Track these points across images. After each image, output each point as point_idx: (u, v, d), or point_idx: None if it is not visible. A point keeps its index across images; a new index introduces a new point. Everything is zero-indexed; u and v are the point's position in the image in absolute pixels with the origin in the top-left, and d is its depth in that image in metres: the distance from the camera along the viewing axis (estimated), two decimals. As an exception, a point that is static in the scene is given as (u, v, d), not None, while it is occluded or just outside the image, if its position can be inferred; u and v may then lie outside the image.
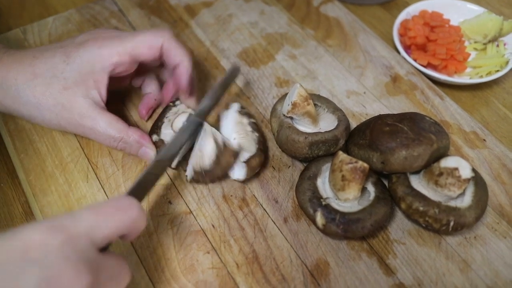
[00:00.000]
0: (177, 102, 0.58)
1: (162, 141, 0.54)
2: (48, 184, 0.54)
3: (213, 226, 0.51)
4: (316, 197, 0.49)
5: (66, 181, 0.54)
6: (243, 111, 0.57)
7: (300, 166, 0.55)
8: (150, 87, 0.60)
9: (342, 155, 0.48)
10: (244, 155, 0.52)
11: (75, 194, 0.53)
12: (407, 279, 0.47)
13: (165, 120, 0.56)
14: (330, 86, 0.64)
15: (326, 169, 0.52)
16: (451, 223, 0.47)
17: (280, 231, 0.51)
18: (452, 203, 0.48)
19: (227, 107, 0.58)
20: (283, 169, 0.55)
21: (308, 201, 0.49)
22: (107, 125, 0.51)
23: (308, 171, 0.52)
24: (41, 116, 0.51)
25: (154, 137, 0.54)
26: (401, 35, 0.71)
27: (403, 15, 0.72)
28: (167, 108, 0.57)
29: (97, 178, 0.54)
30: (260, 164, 0.52)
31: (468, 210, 0.47)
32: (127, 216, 0.37)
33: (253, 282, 0.47)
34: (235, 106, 0.57)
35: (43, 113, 0.51)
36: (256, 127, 0.56)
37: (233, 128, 0.55)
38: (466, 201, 0.49)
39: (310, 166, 0.52)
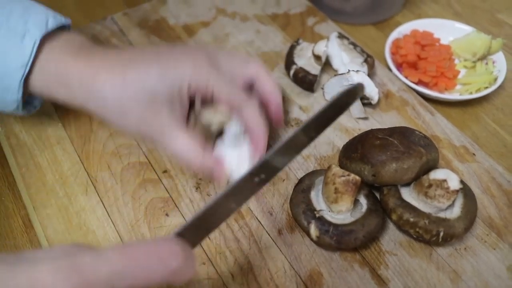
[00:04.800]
0: (300, 41, 0.69)
1: (302, 68, 0.66)
2: (48, 197, 0.55)
3: (209, 237, 0.52)
4: (310, 209, 0.51)
5: (66, 194, 0.55)
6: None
7: (294, 180, 0.57)
8: None
9: (335, 168, 0.49)
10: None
11: (75, 207, 0.54)
12: (399, 290, 0.48)
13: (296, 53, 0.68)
14: (323, 103, 0.66)
15: (319, 182, 0.53)
16: (441, 234, 0.48)
17: (275, 242, 0.52)
18: (442, 214, 0.49)
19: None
20: (278, 183, 0.57)
21: (302, 213, 0.50)
22: (183, 148, 0.48)
23: (302, 184, 0.53)
24: (123, 124, 0.49)
25: (294, 67, 0.66)
26: (393, 54, 0.73)
27: (394, 34, 0.74)
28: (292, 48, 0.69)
29: (96, 191, 0.56)
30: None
31: (457, 221, 0.49)
32: (165, 267, 0.30)
33: (248, 293, 0.48)
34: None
35: (125, 123, 0.49)
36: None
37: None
38: (455, 212, 0.50)
39: (304, 179, 0.54)
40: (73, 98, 0.50)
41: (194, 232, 0.36)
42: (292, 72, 0.67)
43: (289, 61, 0.68)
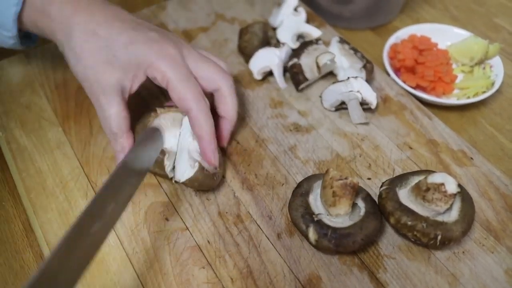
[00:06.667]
0: (320, 42, 0.70)
1: (300, 65, 0.66)
2: (49, 202, 0.55)
3: (208, 242, 0.52)
4: (308, 213, 0.51)
5: (66, 199, 0.56)
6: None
7: (293, 184, 0.57)
8: None
9: (332, 172, 0.50)
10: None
11: (75, 211, 0.55)
12: (397, 293, 0.49)
13: (305, 51, 0.68)
14: (322, 107, 0.66)
15: (317, 186, 0.54)
16: (439, 237, 0.48)
17: (274, 246, 0.52)
18: (440, 218, 0.50)
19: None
20: (277, 187, 0.57)
21: (300, 217, 0.51)
22: (113, 115, 0.52)
23: (300, 188, 0.53)
24: (73, 64, 0.53)
25: (295, 60, 0.67)
26: (391, 58, 0.73)
27: (392, 39, 0.75)
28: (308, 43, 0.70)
29: (96, 196, 0.56)
30: None
31: (455, 225, 0.49)
32: None
33: (247, 296, 0.48)
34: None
35: (76, 65, 0.52)
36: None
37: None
38: (453, 216, 0.50)
39: (302, 184, 0.54)
40: (53, 32, 0.53)
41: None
42: (290, 63, 0.68)
43: (295, 53, 0.69)
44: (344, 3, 0.80)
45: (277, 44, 0.72)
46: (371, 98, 0.62)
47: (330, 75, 0.70)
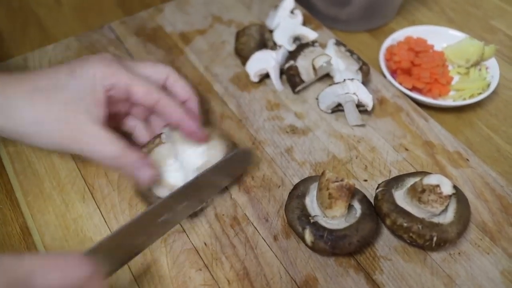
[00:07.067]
0: (316, 44, 0.70)
1: (296, 67, 0.67)
2: (46, 205, 0.56)
3: (205, 244, 0.52)
4: (305, 215, 0.51)
5: (63, 202, 0.56)
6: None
7: (289, 186, 0.57)
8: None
9: (328, 174, 0.50)
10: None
11: (72, 214, 0.55)
12: (393, 294, 0.49)
13: (302, 53, 0.69)
14: (318, 109, 0.66)
15: (313, 188, 0.54)
16: (434, 238, 0.48)
17: (270, 248, 0.52)
18: (435, 219, 0.50)
19: None
20: (273, 189, 0.57)
21: (297, 219, 0.51)
22: (104, 142, 0.48)
23: (297, 190, 0.54)
24: (40, 133, 0.48)
25: (291, 62, 0.68)
26: (387, 60, 0.74)
27: (388, 41, 0.75)
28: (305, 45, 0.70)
29: (93, 198, 0.56)
30: None
31: (450, 226, 0.49)
32: (75, 275, 0.36)
33: (244, 298, 0.48)
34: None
35: (41, 130, 0.48)
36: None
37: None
38: (448, 217, 0.50)
39: (299, 186, 0.54)
40: None
41: (105, 258, 0.42)
42: (287, 65, 0.68)
43: (292, 55, 0.69)
44: (341, 6, 0.80)
45: (274, 46, 0.72)
46: (367, 100, 0.63)
47: (326, 77, 0.71)
